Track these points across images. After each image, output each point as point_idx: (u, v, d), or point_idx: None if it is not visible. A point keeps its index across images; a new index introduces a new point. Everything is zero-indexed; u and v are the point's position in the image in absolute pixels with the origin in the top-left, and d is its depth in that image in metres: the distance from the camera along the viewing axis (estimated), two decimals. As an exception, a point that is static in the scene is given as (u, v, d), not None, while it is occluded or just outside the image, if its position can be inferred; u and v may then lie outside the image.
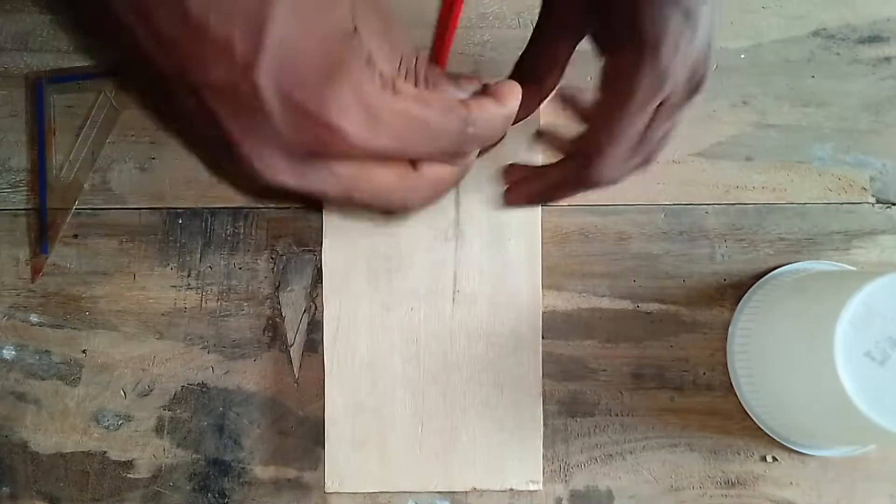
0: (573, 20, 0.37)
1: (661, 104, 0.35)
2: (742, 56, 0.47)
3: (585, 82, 0.46)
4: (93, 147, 0.46)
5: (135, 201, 0.46)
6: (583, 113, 0.39)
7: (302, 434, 0.44)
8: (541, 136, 0.44)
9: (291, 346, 0.45)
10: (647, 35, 0.33)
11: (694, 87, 0.35)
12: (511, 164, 0.44)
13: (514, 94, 0.30)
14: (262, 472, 0.44)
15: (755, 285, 0.45)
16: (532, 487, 0.43)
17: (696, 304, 0.45)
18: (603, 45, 0.36)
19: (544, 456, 0.44)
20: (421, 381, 0.43)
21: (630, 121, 0.35)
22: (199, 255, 0.46)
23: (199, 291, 0.45)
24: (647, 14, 0.33)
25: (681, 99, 0.35)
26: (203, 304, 0.45)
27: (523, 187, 0.43)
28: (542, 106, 0.41)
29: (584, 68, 0.47)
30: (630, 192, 0.46)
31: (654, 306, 0.45)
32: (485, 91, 0.30)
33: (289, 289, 0.45)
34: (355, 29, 0.24)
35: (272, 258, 0.46)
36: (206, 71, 0.22)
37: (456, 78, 0.30)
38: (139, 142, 0.46)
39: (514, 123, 0.32)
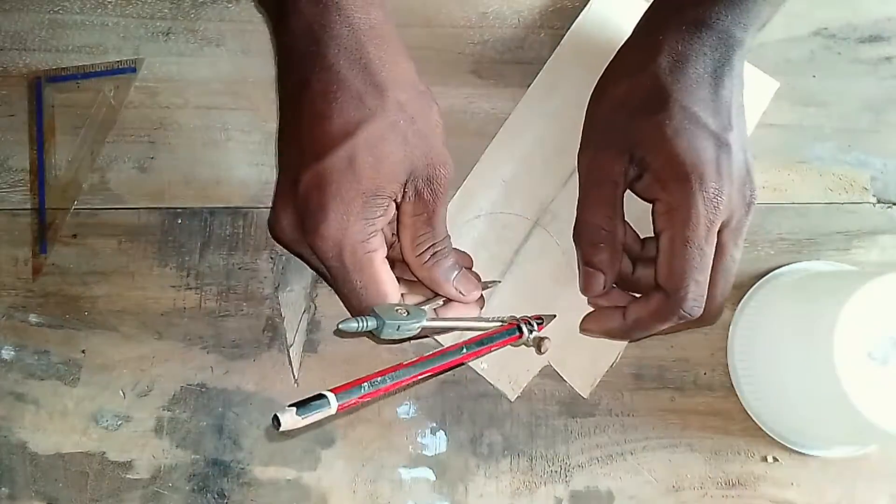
0: (614, 174, 0.39)
1: (722, 231, 0.37)
2: (743, 55, 0.47)
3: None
4: (92, 147, 0.46)
5: (134, 201, 0.46)
6: (644, 257, 0.42)
7: (301, 434, 0.44)
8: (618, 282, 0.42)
9: (291, 346, 0.45)
10: (689, 167, 0.36)
11: (748, 204, 0.38)
12: (607, 292, 0.42)
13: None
14: (261, 472, 0.44)
15: (756, 285, 0.45)
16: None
17: (697, 304, 0.45)
18: (646, 191, 0.39)
19: (544, 456, 0.44)
20: None
21: (699, 249, 0.37)
22: (198, 255, 0.45)
23: (199, 291, 0.45)
24: (683, 149, 0.36)
25: (740, 219, 0.38)
26: (202, 305, 0.45)
27: (603, 319, 0.42)
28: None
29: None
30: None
31: (654, 306, 0.45)
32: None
33: (288, 289, 0.45)
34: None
35: (271, 258, 0.46)
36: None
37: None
38: (138, 141, 0.46)
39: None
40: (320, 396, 0.29)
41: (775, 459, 0.44)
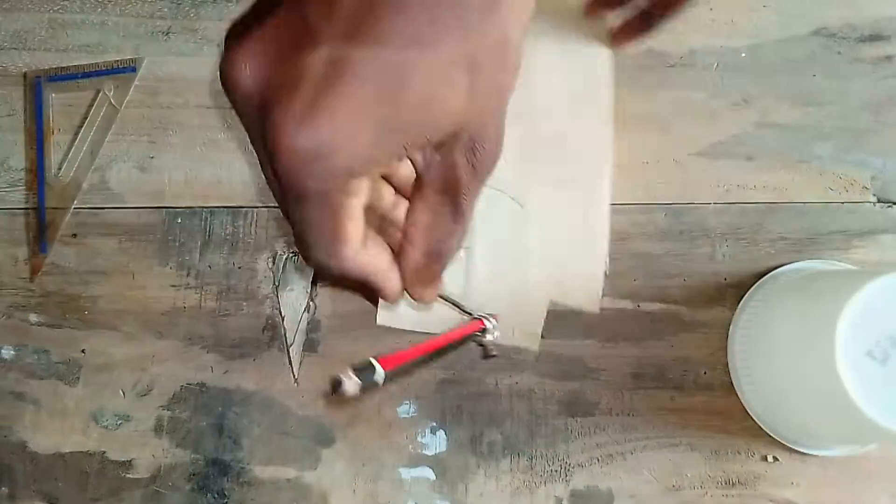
0: None
1: None
2: (743, 55, 0.47)
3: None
4: (92, 146, 0.46)
5: (134, 200, 0.46)
6: None
7: (301, 434, 0.44)
8: None
9: (291, 345, 0.45)
10: None
11: None
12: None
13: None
14: (261, 471, 0.44)
15: (756, 285, 0.45)
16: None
17: (697, 304, 0.45)
18: None
19: (544, 455, 0.44)
20: None
21: None
22: (198, 255, 0.45)
23: (199, 291, 0.45)
24: None
25: None
26: (202, 304, 0.45)
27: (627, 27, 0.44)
28: None
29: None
30: (631, 192, 0.46)
31: (654, 306, 0.45)
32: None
33: (288, 288, 0.45)
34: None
35: (272, 257, 0.46)
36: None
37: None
38: (138, 141, 0.46)
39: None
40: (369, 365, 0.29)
41: (775, 459, 0.44)
